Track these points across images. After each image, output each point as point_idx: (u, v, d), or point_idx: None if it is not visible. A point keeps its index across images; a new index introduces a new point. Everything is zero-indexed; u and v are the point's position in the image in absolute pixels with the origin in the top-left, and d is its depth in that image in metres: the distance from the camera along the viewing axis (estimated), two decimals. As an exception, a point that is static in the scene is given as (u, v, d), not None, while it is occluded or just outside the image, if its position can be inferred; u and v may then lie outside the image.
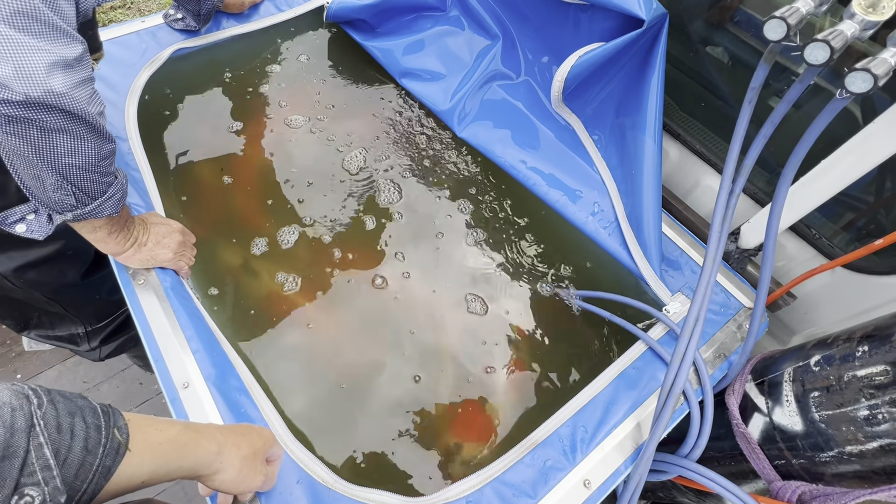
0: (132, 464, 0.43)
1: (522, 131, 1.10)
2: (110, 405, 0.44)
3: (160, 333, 0.76)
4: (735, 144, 0.65)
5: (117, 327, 1.16)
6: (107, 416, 0.42)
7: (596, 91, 0.99)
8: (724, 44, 0.94)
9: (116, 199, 0.67)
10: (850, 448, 0.60)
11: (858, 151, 0.69)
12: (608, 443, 0.74)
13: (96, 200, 0.64)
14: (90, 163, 0.59)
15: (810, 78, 0.56)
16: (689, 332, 0.70)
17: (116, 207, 0.67)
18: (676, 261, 0.94)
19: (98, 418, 0.41)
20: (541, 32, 1.07)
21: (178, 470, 0.48)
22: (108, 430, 0.42)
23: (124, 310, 1.14)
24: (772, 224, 0.67)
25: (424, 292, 1.02)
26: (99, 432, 0.41)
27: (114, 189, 0.66)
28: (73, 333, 1.10)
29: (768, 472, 0.72)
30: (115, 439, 0.42)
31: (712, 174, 0.98)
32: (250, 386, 0.77)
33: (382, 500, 0.69)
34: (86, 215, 0.64)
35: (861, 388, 0.59)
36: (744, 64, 0.92)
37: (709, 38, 0.96)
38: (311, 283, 0.99)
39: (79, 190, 0.61)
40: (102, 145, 0.59)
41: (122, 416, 0.45)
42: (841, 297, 0.87)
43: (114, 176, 0.66)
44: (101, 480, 0.40)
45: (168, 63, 1.16)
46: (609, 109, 0.99)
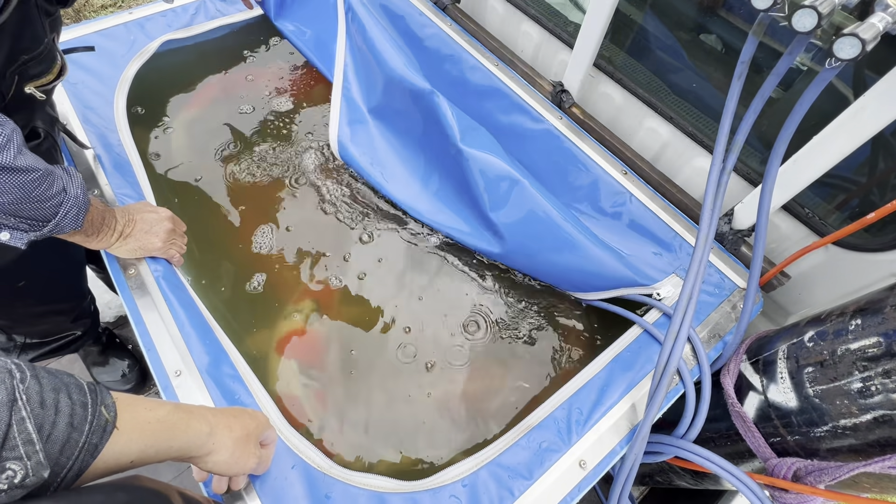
0: (120, 442, 0.43)
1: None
2: (98, 383, 0.44)
3: (151, 322, 0.76)
4: (725, 120, 0.65)
5: (57, 348, 1.11)
6: (93, 394, 0.42)
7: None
8: (715, 28, 0.94)
9: (72, 215, 0.63)
10: (845, 421, 0.60)
11: (849, 126, 0.69)
12: (603, 424, 0.74)
13: (50, 222, 0.61)
14: (16, 198, 0.55)
15: (799, 49, 0.56)
16: (683, 309, 0.69)
17: (76, 222, 0.64)
18: (670, 243, 0.94)
19: (84, 395, 0.41)
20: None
21: (168, 450, 0.48)
22: (94, 408, 0.41)
23: (71, 334, 1.11)
24: (764, 202, 0.66)
25: (420, 280, 1.01)
26: (85, 409, 0.40)
27: (66, 207, 0.62)
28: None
29: (764, 450, 0.72)
30: (101, 417, 0.41)
31: (704, 155, 0.98)
32: (244, 373, 0.76)
33: (378, 483, 0.69)
34: (47, 234, 0.62)
35: (854, 361, 0.59)
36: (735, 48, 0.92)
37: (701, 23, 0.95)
38: (307, 268, 0.99)
39: (25, 218, 0.59)
40: (23, 177, 0.55)
41: (110, 395, 0.44)
42: (834, 276, 0.87)
43: (60, 195, 0.61)
44: (88, 458, 0.40)
45: (157, 54, 1.15)
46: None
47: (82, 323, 1.11)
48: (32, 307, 0.95)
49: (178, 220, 0.85)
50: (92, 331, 1.16)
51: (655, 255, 0.93)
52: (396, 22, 1.26)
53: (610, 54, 1.08)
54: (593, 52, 1.03)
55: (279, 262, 0.99)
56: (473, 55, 1.18)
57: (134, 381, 1.32)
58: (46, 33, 0.68)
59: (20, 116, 0.60)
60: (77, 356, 1.33)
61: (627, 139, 1.09)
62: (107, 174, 0.91)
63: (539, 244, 0.94)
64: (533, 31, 1.21)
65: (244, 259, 0.98)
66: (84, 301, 1.08)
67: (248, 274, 0.97)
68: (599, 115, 1.12)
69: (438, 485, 0.69)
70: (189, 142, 1.12)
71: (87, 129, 0.96)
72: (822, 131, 0.73)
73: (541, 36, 1.20)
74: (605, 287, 0.92)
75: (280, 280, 0.97)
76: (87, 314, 1.11)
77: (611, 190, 1.00)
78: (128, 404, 0.45)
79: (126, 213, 0.78)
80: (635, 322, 0.85)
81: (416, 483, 0.69)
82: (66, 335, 1.11)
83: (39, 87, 0.69)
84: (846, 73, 0.76)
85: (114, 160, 0.93)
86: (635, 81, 1.04)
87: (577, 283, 0.94)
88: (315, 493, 0.67)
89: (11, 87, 0.65)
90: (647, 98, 1.02)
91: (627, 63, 1.07)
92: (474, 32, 1.25)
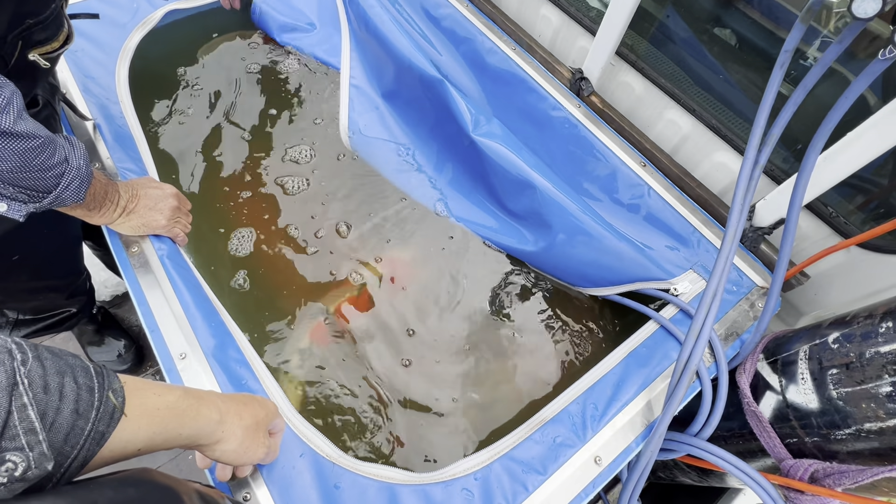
0: (128, 430, 0.40)
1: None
2: (104, 366, 0.41)
3: (155, 303, 0.73)
4: (763, 112, 0.62)
5: (52, 325, 1.08)
6: (100, 378, 0.39)
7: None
8: (732, 25, 0.91)
9: (74, 187, 0.60)
10: (870, 425, 0.59)
11: (884, 125, 0.67)
12: (619, 420, 0.73)
13: (51, 194, 0.58)
14: (15, 166, 0.52)
15: (850, 37, 0.53)
16: (707, 308, 0.68)
17: (78, 194, 0.61)
18: (688, 238, 0.92)
19: (91, 379, 0.38)
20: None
21: (177, 438, 0.45)
22: (101, 393, 0.38)
23: (66, 310, 1.08)
24: (797, 195, 0.64)
25: (432, 271, 0.99)
26: (91, 394, 0.37)
27: (67, 179, 0.59)
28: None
29: (779, 450, 0.72)
30: (109, 403, 0.39)
31: (726, 149, 0.95)
32: (251, 358, 0.74)
33: (388, 474, 0.67)
34: (46, 206, 0.59)
35: (884, 365, 0.58)
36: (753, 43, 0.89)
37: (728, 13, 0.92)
38: (318, 254, 0.96)
39: (24, 188, 0.55)
40: (23, 144, 0.52)
41: (118, 379, 0.41)
42: (852, 278, 0.85)
43: (62, 166, 0.58)
44: (94, 447, 0.37)
45: (161, 24, 1.10)
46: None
47: (77, 300, 1.07)
48: (26, 282, 0.92)
49: (182, 198, 0.81)
50: (87, 309, 1.13)
51: (672, 250, 0.91)
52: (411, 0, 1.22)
53: (632, 42, 1.05)
54: (617, 40, 0.99)
55: (289, 245, 0.96)
56: (490, 38, 1.14)
57: (130, 362, 1.29)
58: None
59: (21, 85, 0.56)
60: (72, 335, 1.30)
61: (646, 130, 1.06)
62: (108, 147, 0.87)
63: (555, 238, 0.92)
64: (552, 16, 1.17)
65: (252, 239, 0.95)
66: (79, 278, 1.05)
67: (257, 256, 0.94)
68: (618, 105, 1.09)
69: (450, 477, 0.67)
70: (195, 117, 1.08)
71: (87, 100, 0.92)
72: (856, 129, 0.70)
73: (560, 20, 1.16)
74: (621, 281, 0.90)
75: (289, 264, 0.94)
76: (83, 291, 1.08)
77: (629, 182, 0.98)
78: (136, 389, 0.43)
79: (130, 188, 0.75)
80: (652, 318, 0.84)
81: (428, 475, 0.68)
82: (60, 312, 1.07)
83: (44, 55, 0.65)
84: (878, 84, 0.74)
85: (115, 132, 0.89)
86: (657, 71, 1.01)
87: (594, 277, 0.93)
88: (324, 482, 0.65)
89: (14, 53, 0.61)
90: (669, 88, 0.99)
91: (650, 52, 1.04)
92: (491, 14, 1.21)
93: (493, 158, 0.97)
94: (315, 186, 1.05)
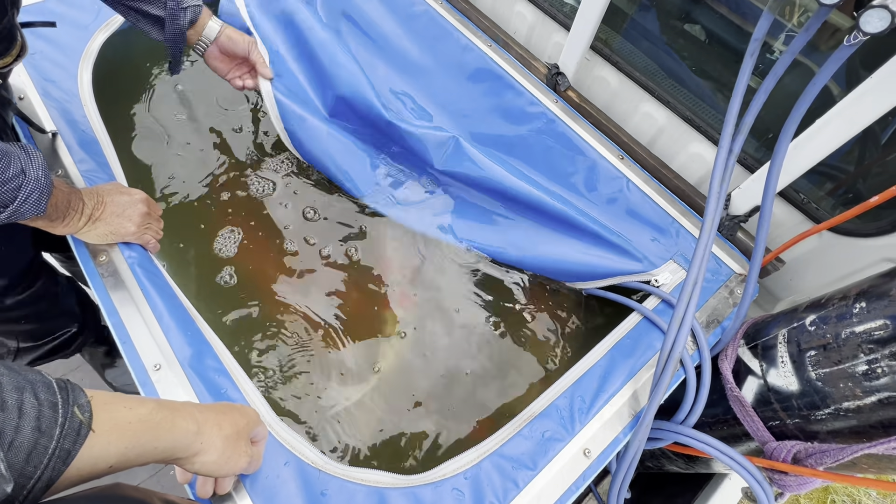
0: (97, 446, 0.38)
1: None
2: (69, 380, 0.39)
3: (126, 313, 0.70)
4: (735, 101, 0.63)
5: (55, 348, 1.04)
6: (65, 393, 0.37)
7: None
8: (702, 19, 0.93)
9: (34, 199, 0.57)
10: (848, 404, 0.60)
11: (850, 111, 0.68)
12: (606, 411, 0.73)
13: (8, 208, 0.55)
14: None
15: (816, 24, 0.54)
16: (688, 296, 0.68)
17: (38, 207, 0.58)
18: (667, 229, 0.93)
19: (54, 395, 0.36)
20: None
21: (152, 452, 0.43)
22: (66, 409, 0.36)
23: (65, 331, 1.03)
24: (770, 182, 0.66)
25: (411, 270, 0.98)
26: (55, 410, 0.35)
27: (25, 191, 0.56)
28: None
29: (762, 433, 0.73)
30: (75, 419, 0.36)
31: (700, 140, 0.97)
32: (230, 366, 0.71)
33: (376, 478, 0.65)
34: (4, 220, 0.56)
35: (860, 344, 0.59)
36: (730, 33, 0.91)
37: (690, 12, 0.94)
38: (294, 254, 0.94)
39: None
40: None
41: (84, 393, 0.39)
42: (826, 262, 0.88)
43: (19, 178, 0.56)
44: (60, 465, 0.35)
45: (126, 24, 1.06)
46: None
47: (71, 317, 1.02)
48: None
49: (153, 203, 0.78)
50: (90, 327, 1.08)
51: (653, 242, 0.92)
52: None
53: (607, 37, 1.06)
54: (591, 35, 1.00)
55: (270, 250, 0.94)
56: (466, 35, 1.14)
57: None
58: (6, 9, 0.60)
59: None
60: (84, 361, 1.24)
61: (623, 123, 1.08)
62: (72, 153, 0.83)
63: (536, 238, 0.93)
64: (527, 12, 1.17)
65: (227, 245, 0.93)
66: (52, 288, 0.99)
67: (231, 262, 0.91)
68: (595, 99, 1.10)
69: (440, 478, 0.66)
70: (163, 117, 1.05)
71: (47, 104, 0.88)
72: (823, 117, 0.72)
73: (535, 17, 1.16)
74: (603, 275, 0.90)
75: (270, 269, 0.92)
76: (70, 307, 1.02)
77: (608, 175, 0.98)
78: (105, 403, 0.41)
79: (95, 195, 0.71)
80: (635, 309, 0.84)
81: (417, 477, 0.67)
82: (60, 334, 1.02)
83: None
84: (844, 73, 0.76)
85: (79, 137, 0.85)
86: (632, 65, 1.02)
87: (576, 273, 0.93)
88: (310, 490, 0.63)
89: None
90: (644, 82, 1.00)
91: (624, 46, 1.05)
92: (466, 11, 1.20)
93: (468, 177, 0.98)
94: (290, 188, 1.03)
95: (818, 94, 0.64)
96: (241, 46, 0.88)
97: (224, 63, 0.90)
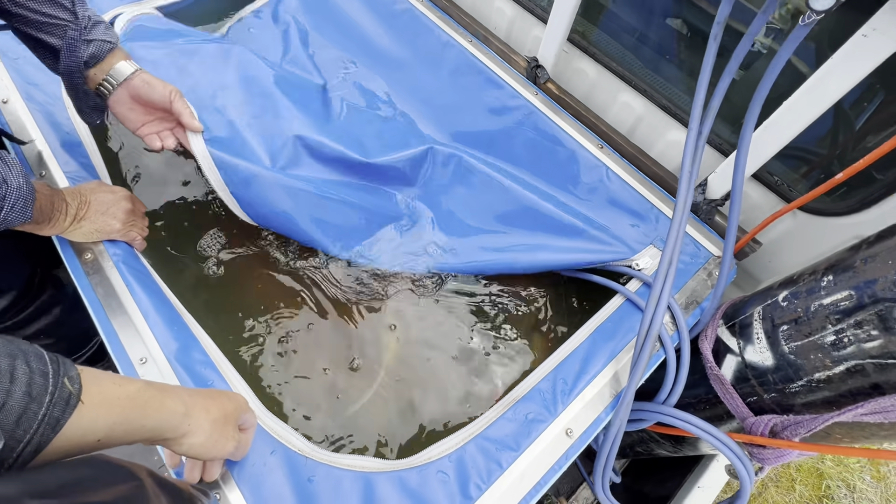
0: (86, 418, 0.40)
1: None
2: (60, 355, 0.41)
3: (112, 309, 0.71)
4: (701, 85, 0.65)
5: (87, 362, 1.06)
6: (55, 365, 0.39)
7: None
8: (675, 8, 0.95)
9: (19, 207, 0.58)
10: (819, 374, 0.62)
11: (816, 90, 0.70)
12: (588, 392, 0.74)
13: None
14: None
15: (773, 7, 0.56)
16: (664, 275, 0.70)
17: (24, 214, 0.59)
18: (646, 215, 0.95)
19: (45, 365, 0.38)
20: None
21: (140, 430, 0.45)
22: (56, 379, 0.38)
23: (94, 342, 1.04)
24: (739, 165, 0.67)
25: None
26: (45, 379, 0.37)
27: (10, 200, 0.57)
28: None
29: (741, 409, 0.74)
30: (64, 389, 0.38)
31: (678, 128, 0.99)
32: (216, 359, 0.72)
33: (362, 464, 0.67)
34: None
35: (827, 316, 0.61)
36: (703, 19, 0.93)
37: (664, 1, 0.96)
38: (277, 249, 0.95)
39: None
40: None
41: (75, 367, 0.41)
42: (802, 242, 0.90)
43: (2, 188, 0.56)
44: (49, 432, 0.37)
45: (108, 29, 1.07)
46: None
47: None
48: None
49: (137, 201, 0.79)
50: None
51: (633, 227, 0.94)
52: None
53: (584, 29, 1.07)
54: (567, 27, 1.02)
55: (252, 241, 0.95)
56: (447, 31, 1.15)
57: None
58: None
59: None
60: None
61: (602, 114, 1.09)
62: (56, 155, 0.84)
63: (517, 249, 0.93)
64: (506, 8, 1.19)
65: (212, 243, 0.94)
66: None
67: (223, 257, 0.92)
68: (574, 91, 1.12)
69: (425, 461, 0.67)
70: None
71: (31, 108, 0.89)
72: (790, 98, 0.74)
73: (514, 12, 1.18)
74: (586, 264, 0.92)
75: (252, 261, 0.93)
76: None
77: (587, 164, 1.00)
78: (95, 377, 0.42)
79: (78, 195, 0.72)
80: (617, 291, 0.86)
81: (402, 461, 0.68)
82: (89, 347, 1.04)
83: None
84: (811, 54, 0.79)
85: (63, 139, 0.86)
86: (609, 56, 1.04)
87: (560, 267, 0.93)
88: (297, 477, 0.64)
89: None
90: (621, 72, 1.02)
91: (600, 38, 1.07)
92: (446, 8, 1.22)
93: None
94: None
95: (793, 79, 0.66)
96: (160, 93, 0.72)
97: (136, 113, 0.74)
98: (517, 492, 0.66)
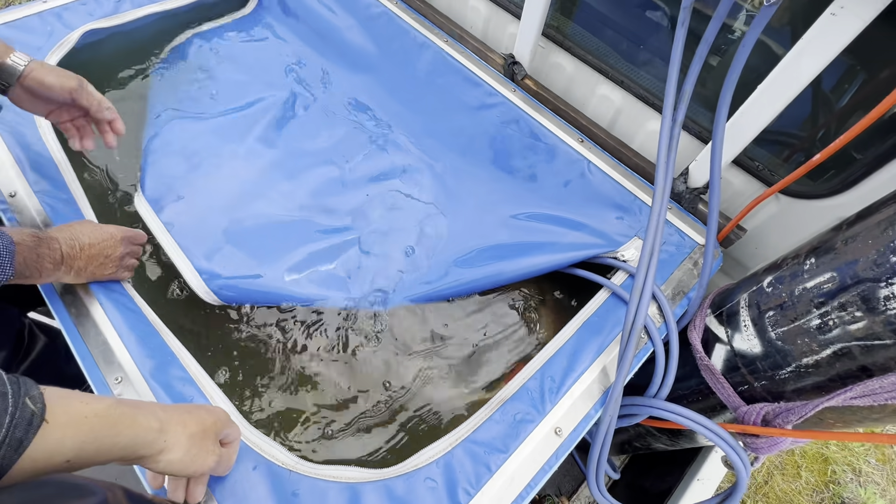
0: (52, 438, 0.38)
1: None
2: (21, 375, 0.39)
3: (85, 328, 0.69)
4: (672, 71, 0.64)
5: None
6: (15, 385, 0.38)
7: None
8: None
9: (6, 263, 0.57)
10: (807, 360, 0.61)
11: (789, 71, 0.70)
12: (576, 389, 0.73)
13: None
14: None
15: (738, -12, 0.55)
16: (646, 265, 0.69)
17: (4, 272, 0.58)
18: (630, 207, 0.94)
19: (3, 385, 0.37)
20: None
21: (112, 448, 0.43)
22: (17, 399, 0.37)
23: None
24: (715, 151, 0.66)
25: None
26: (4, 399, 0.36)
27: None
28: None
29: (733, 399, 0.73)
30: (26, 408, 0.37)
31: (657, 119, 0.98)
32: (196, 374, 0.71)
33: (348, 475, 0.65)
34: None
35: (811, 299, 0.60)
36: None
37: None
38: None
39: None
40: None
41: (38, 387, 0.40)
42: (786, 227, 0.89)
43: None
44: (11, 454, 0.36)
45: (80, 45, 1.06)
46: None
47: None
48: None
49: (133, 236, 0.75)
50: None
51: (617, 220, 0.93)
52: (344, 4, 1.22)
53: (558, 24, 1.07)
54: (541, 21, 1.01)
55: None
56: (422, 32, 1.15)
57: None
58: None
59: None
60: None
61: (581, 108, 1.09)
62: (25, 174, 0.82)
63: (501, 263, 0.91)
64: (481, 6, 1.19)
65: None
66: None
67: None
68: (552, 86, 1.11)
69: (412, 468, 0.66)
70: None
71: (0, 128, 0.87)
72: (764, 81, 0.73)
73: (489, 10, 1.18)
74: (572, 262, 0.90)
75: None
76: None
77: (568, 158, 0.99)
78: (59, 397, 0.41)
79: (68, 238, 0.66)
80: (602, 284, 0.84)
81: (389, 469, 0.66)
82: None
83: None
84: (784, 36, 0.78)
85: (33, 159, 0.85)
86: (585, 49, 1.03)
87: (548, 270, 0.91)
88: (280, 491, 0.63)
89: None
90: (598, 64, 1.02)
91: (575, 31, 1.06)
92: (421, 9, 1.21)
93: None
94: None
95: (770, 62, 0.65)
96: (58, 93, 0.69)
97: (40, 106, 0.72)
98: (507, 495, 0.64)
